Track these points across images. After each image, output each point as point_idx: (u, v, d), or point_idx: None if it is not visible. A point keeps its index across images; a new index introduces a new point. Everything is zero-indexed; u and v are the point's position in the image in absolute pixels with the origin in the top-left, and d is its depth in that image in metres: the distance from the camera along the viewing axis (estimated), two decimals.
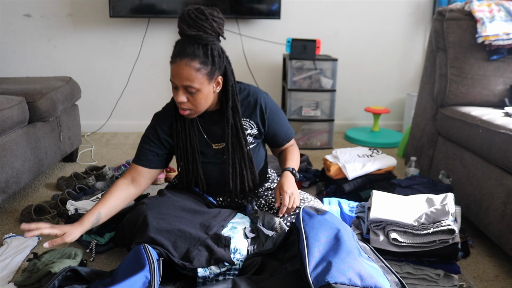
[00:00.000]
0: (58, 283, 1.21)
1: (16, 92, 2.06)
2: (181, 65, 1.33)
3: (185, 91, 1.37)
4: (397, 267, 1.41)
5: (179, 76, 1.34)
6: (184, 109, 1.42)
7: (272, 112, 1.59)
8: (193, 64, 1.33)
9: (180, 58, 1.33)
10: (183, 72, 1.33)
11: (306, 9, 3.20)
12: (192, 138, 1.53)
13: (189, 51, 1.32)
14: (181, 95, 1.37)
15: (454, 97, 2.07)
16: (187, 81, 1.34)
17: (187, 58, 1.32)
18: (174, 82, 1.37)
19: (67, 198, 1.95)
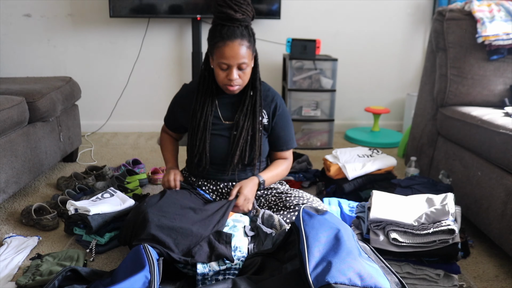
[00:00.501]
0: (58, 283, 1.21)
1: (16, 92, 2.06)
2: (235, 46, 1.48)
3: (238, 69, 1.52)
4: (397, 267, 1.41)
5: (235, 56, 1.49)
6: (235, 85, 1.56)
7: (283, 114, 1.71)
8: (244, 43, 1.50)
9: (232, 40, 1.48)
10: (239, 51, 1.49)
11: (306, 9, 3.20)
12: (207, 117, 1.63)
13: (238, 32, 1.49)
14: (234, 72, 1.52)
15: (454, 97, 2.07)
16: (243, 59, 1.51)
17: (239, 38, 1.49)
18: (227, 62, 1.50)
19: (67, 198, 1.95)
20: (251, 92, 1.63)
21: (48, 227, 1.78)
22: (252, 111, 1.63)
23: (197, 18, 2.95)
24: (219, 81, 1.56)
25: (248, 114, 1.63)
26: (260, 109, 1.64)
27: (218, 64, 1.52)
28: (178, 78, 3.28)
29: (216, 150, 1.64)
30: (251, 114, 1.63)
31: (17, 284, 1.39)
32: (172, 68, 3.27)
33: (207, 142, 1.63)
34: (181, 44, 3.22)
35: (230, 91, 1.58)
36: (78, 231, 1.68)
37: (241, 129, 1.62)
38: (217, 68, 1.54)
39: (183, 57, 3.24)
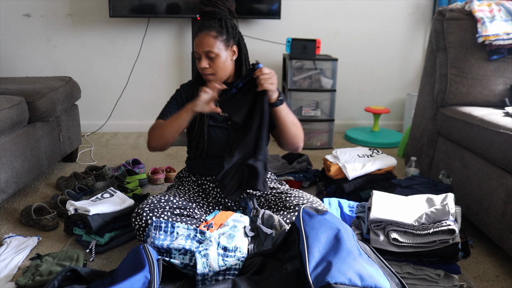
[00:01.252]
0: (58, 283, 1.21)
1: (16, 92, 2.05)
2: (201, 36, 1.57)
3: (206, 58, 1.58)
4: (397, 267, 1.40)
5: (200, 45, 1.57)
6: (207, 74, 1.60)
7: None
8: (210, 33, 1.56)
9: (200, 31, 1.57)
10: (203, 40, 1.56)
11: (306, 9, 3.20)
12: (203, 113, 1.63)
13: (206, 24, 1.57)
14: (203, 61, 1.58)
15: (454, 97, 2.07)
16: (207, 47, 1.56)
17: (206, 29, 1.56)
18: (197, 52, 1.59)
19: (67, 198, 1.95)
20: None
21: (47, 227, 1.78)
22: None
23: (197, 18, 2.95)
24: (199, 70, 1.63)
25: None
26: None
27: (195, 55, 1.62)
28: (178, 78, 3.28)
29: (215, 141, 1.65)
30: None
31: (16, 284, 1.38)
32: (172, 68, 3.27)
33: (204, 135, 1.64)
34: (181, 44, 3.22)
35: (208, 80, 1.61)
36: (78, 231, 1.68)
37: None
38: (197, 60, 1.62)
39: (183, 57, 3.24)
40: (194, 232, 1.43)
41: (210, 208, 1.67)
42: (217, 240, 1.38)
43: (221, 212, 1.60)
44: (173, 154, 2.81)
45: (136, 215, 1.49)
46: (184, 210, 1.54)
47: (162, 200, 1.54)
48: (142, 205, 1.52)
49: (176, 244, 1.36)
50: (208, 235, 1.42)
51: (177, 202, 1.55)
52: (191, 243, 1.39)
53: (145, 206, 1.50)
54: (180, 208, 1.54)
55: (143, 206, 1.51)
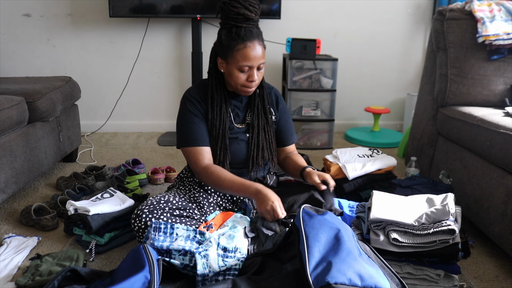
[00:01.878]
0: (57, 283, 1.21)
1: (16, 92, 2.05)
2: (256, 46, 1.49)
3: (257, 69, 1.53)
4: (397, 267, 1.40)
5: (257, 56, 1.50)
6: (254, 86, 1.57)
7: (284, 106, 1.76)
8: (261, 43, 1.52)
9: (250, 41, 1.47)
10: (259, 52, 1.50)
11: (306, 9, 3.20)
12: (225, 124, 1.62)
13: (255, 33, 1.49)
14: (255, 73, 1.52)
15: (454, 97, 2.07)
16: (262, 59, 1.52)
17: (258, 39, 1.50)
18: (250, 64, 1.50)
19: (67, 198, 1.95)
20: (257, 90, 1.65)
21: (47, 227, 1.78)
22: (263, 110, 1.66)
23: (197, 18, 2.95)
24: (238, 83, 1.54)
25: (260, 114, 1.65)
26: (269, 107, 1.69)
27: (239, 68, 1.50)
28: (178, 78, 3.28)
29: (235, 155, 1.65)
30: (263, 113, 1.66)
31: (16, 284, 1.38)
32: (172, 68, 3.27)
33: (228, 150, 1.62)
34: (181, 44, 3.22)
35: (246, 93, 1.58)
36: (77, 231, 1.68)
37: (257, 130, 1.64)
38: (237, 72, 1.51)
39: (183, 57, 3.24)
40: (193, 233, 1.42)
41: (210, 209, 1.67)
42: (217, 241, 1.38)
43: (221, 213, 1.60)
44: (173, 154, 2.81)
45: (135, 216, 1.48)
46: (183, 211, 1.53)
47: (162, 201, 1.53)
48: (141, 206, 1.51)
49: (175, 245, 1.36)
50: (208, 236, 1.42)
51: (177, 203, 1.55)
52: (191, 244, 1.38)
53: (145, 207, 1.49)
54: (180, 209, 1.53)
55: (142, 207, 1.50)
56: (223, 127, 1.61)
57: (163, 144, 3.01)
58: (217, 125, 1.60)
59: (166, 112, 3.28)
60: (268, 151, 1.68)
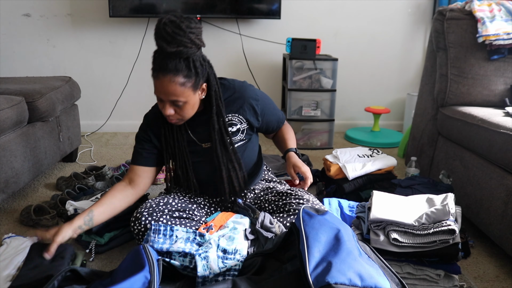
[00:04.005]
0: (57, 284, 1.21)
1: (16, 92, 2.05)
2: (165, 82, 1.32)
3: (172, 105, 1.38)
4: (397, 267, 1.40)
5: (165, 92, 1.34)
6: (173, 120, 1.43)
7: (263, 104, 1.59)
8: (177, 79, 1.32)
9: (162, 74, 1.31)
10: (168, 88, 1.33)
11: (306, 9, 3.20)
12: (180, 143, 1.52)
13: (171, 66, 1.30)
14: (168, 108, 1.38)
15: (454, 97, 2.07)
16: (174, 96, 1.34)
17: (170, 74, 1.31)
18: (159, 96, 1.37)
19: (67, 198, 1.95)
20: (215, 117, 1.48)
21: (47, 227, 1.78)
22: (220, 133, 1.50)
23: (197, 17, 2.95)
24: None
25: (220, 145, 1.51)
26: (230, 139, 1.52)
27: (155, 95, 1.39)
28: None
29: (202, 176, 1.58)
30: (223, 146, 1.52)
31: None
32: None
33: (189, 169, 1.54)
34: None
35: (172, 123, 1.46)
36: None
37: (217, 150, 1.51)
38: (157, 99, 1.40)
39: None
40: (193, 235, 1.42)
41: (212, 209, 1.66)
42: (217, 243, 1.38)
43: (222, 213, 1.60)
44: None
45: (134, 219, 1.47)
46: (183, 212, 1.53)
47: (161, 203, 1.52)
48: (140, 209, 1.49)
49: (175, 247, 1.36)
50: (208, 238, 1.41)
51: (176, 205, 1.54)
52: (191, 246, 1.38)
53: (144, 210, 1.48)
54: (179, 210, 1.53)
55: (141, 210, 1.48)
56: (178, 145, 1.52)
57: None
58: (170, 143, 1.52)
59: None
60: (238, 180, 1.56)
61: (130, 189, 1.53)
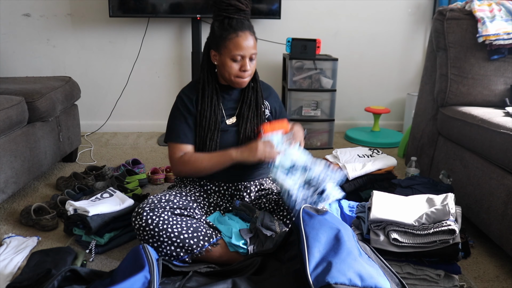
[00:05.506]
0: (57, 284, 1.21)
1: (16, 92, 2.05)
2: (248, 36, 1.53)
3: (249, 60, 1.56)
4: (397, 267, 1.40)
5: (249, 46, 1.54)
6: (247, 76, 1.59)
7: (280, 104, 1.81)
8: (253, 34, 1.57)
9: (243, 31, 1.52)
10: (251, 42, 1.54)
11: (306, 9, 3.20)
12: (217, 116, 1.62)
13: (246, 24, 1.55)
14: (248, 63, 1.55)
15: (454, 97, 2.06)
16: (254, 49, 1.56)
17: (249, 30, 1.55)
18: (242, 53, 1.53)
19: (67, 198, 1.94)
20: (251, 83, 1.67)
21: (47, 227, 1.78)
22: (255, 102, 1.68)
23: (197, 17, 2.95)
24: (232, 74, 1.56)
25: (251, 106, 1.67)
26: (262, 99, 1.70)
27: (231, 57, 1.54)
28: (178, 78, 3.28)
29: (225, 146, 1.63)
30: (254, 106, 1.67)
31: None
32: (172, 68, 3.27)
33: (217, 141, 1.62)
34: (181, 44, 3.21)
35: (240, 84, 1.60)
36: (77, 232, 1.67)
37: (246, 121, 1.65)
38: (230, 61, 1.55)
39: (183, 56, 3.24)
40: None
41: (211, 209, 1.67)
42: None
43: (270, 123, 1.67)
44: None
45: (136, 214, 1.49)
46: (184, 210, 1.53)
47: (163, 199, 1.53)
48: (142, 204, 1.51)
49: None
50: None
51: (178, 202, 1.54)
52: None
53: (146, 205, 1.49)
54: (181, 208, 1.53)
55: (143, 205, 1.50)
56: (214, 118, 1.61)
57: (163, 144, 3.01)
58: (207, 116, 1.61)
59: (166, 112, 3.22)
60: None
61: None
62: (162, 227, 1.44)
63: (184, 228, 1.46)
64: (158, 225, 1.44)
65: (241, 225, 1.55)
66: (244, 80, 1.59)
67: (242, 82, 1.60)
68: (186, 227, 1.46)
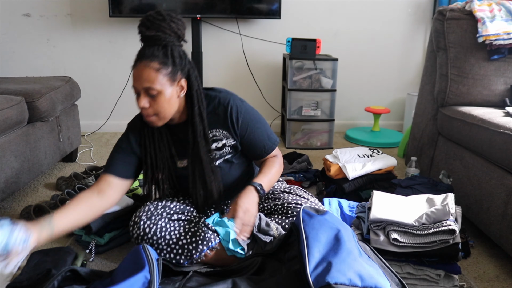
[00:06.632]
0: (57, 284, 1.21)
1: (16, 92, 2.05)
2: (140, 67, 1.30)
3: (146, 95, 1.33)
4: (397, 267, 1.40)
5: (139, 79, 1.31)
6: (148, 115, 1.36)
7: (245, 121, 1.47)
8: (152, 64, 1.29)
9: (139, 60, 1.31)
10: (142, 74, 1.30)
11: (306, 9, 3.20)
12: (162, 153, 1.46)
13: (148, 53, 1.30)
14: (142, 99, 1.33)
15: (454, 97, 2.06)
16: (147, 83, 1.30)
17: (146, 59, 1.29)
18: (135, 87, 1.34)
19: (67, 198, 1.94)
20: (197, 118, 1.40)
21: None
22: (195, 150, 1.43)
23: (197, 17, 2.95)
24: None
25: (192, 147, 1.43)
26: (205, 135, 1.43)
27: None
28: None
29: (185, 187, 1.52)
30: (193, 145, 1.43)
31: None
32: None
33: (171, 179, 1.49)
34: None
35: (150, 124, 1.40)
36: (77, 232, 1.67)
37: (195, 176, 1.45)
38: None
39: None
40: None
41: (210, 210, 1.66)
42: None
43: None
44: None
45: (133, 223, 1.45)
46: (182, 214, 1.51)
47: (159, 206, 1.50)
48: (138, 213, 1.47)
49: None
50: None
51: (175, 207, 1.52)
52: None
53: (142, 214, 1.46)
54: (178, 213, 1.51)
55: (139, 214, 1.47)
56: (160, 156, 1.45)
57: None
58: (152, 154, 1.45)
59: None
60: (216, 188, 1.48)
61: (97, 199, 1.38)
62: (160, 235, 1.42)
63: (182, 234, 1.44)
64: (156, 233, 1.42)
65: None
66: (148, 119, 1.37)
67: (148, 121, 1.38)
68: (184, 232, 1.45)
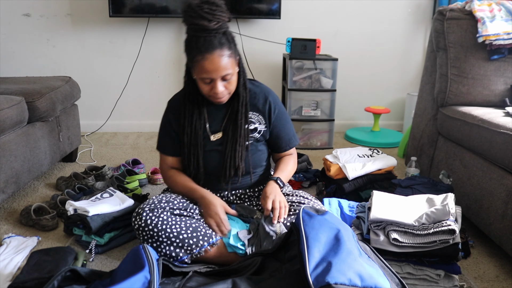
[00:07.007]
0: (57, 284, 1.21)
1: (16, 92, 2.05)
2: (214, 58, 1.38)
3: (222, 80, 1.43)
4: (397, 267, 1.40)
5: (217, 69, 1.39)
6: (223, 96, 1.47)
7: (280, 112, 1.65)
8: (224, 52, 1.39)
9: (210, 52, 1.37)
10: (220, 63, 1.38)
11: (306, 8, 3.20)
12: (197, 132, 1.57)
13: (215, 42, 1.38)
14: (220, 86, 1.43)
15: (454, 97, 2.06)
16: (225, 70, 1.40)
17: (218, 49, 1.38)
18: (210, 77, 1.41)
19: (67, 198, 1.94)
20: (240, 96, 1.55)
21: (47, 227, 1.78)
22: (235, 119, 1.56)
23: None
24: (205, 94, 1.48)
25: (234, 124, 1.56)
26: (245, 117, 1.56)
27: (200, 79, 1.43)
28: (178, 78, 3.28)
29: (210, 165, 1.60)
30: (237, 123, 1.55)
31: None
32: (172, 68, 3.27)
33: (200, 158, 1.58)
34: (181, 44, 3.18)
35: (218, 103, 1.51)
36: (77, 232, 1.67)
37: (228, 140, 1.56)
38: (200, 82, 1.45)
39: (183, 56, 3.19)
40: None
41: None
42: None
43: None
44: None
45: (136, 214, 1.49)
46: (184, 211, 1.53)
47: (163, 200, 1.53)
48: (142, 205, 1.51)
49: None
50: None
51: (178, 203, 1.55)
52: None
53: (146, 206, 1.50)
54: (180, 209, 1.53)
55: (143, 206, 1.50)
56: (195, 134, 1.56)
57: None
58: (188, 132, 1.57)
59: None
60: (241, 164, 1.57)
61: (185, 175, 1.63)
62: (161, 227, 1.44)
63: (183, 228, 1.46)
64: (157, 225, 1.44)
65: (241, 225, 1.55)
66: (219, 100, 1.48)
67: (218, 102, 1.50)
68: (185, 227, 1.47)
